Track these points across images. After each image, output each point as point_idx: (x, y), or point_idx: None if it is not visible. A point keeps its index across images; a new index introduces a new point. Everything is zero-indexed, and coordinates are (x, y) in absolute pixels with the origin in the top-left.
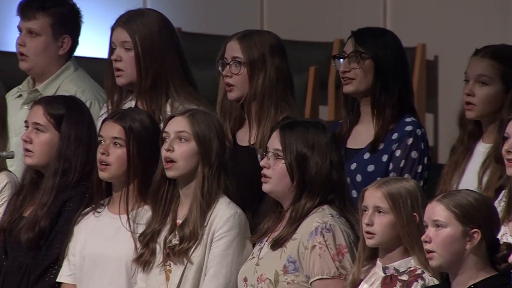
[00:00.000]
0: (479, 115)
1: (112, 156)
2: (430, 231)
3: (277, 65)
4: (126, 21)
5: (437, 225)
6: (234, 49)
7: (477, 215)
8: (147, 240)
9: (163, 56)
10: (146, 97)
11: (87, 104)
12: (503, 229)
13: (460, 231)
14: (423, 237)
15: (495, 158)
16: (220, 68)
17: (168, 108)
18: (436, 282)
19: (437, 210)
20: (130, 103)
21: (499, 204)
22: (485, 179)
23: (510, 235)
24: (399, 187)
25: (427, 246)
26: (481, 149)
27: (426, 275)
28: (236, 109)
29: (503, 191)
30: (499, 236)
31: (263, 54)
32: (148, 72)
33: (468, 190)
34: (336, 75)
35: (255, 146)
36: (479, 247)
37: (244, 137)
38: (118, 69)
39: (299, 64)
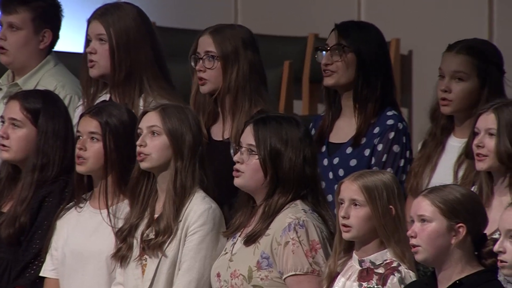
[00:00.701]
0: (455, 111)
1: (89, 151)
2: (416, 226)
3: (250, 58)
4: (102, 14)
5: (423, 220)
6: (206, 44)
7: (462, 210)
8: (124, 235)
9: (137, 50)
10: (119, 91)
11: (67, 99)
12: None
13: (445, 226)
14: (409, 232)
15: (465, 154)
16: (192, 63)
17: (141, 102)
18: (412, 274)
19: (422, 205)
20: (105, 96)
21: None
22: (460, 173)
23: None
24: (375, 180)
25: (412, 241)
26: (455, 144)
27: (403, 268)
28: (209, 104)
29: (474, 187)
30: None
31: (236, 47)
32: (122, 66)
33: (455, 185)
34: (311, 69)
35: (230, 140)
36: (465, 242)
37: (218, 132)
38: (92, 61)
39: (274, 59)
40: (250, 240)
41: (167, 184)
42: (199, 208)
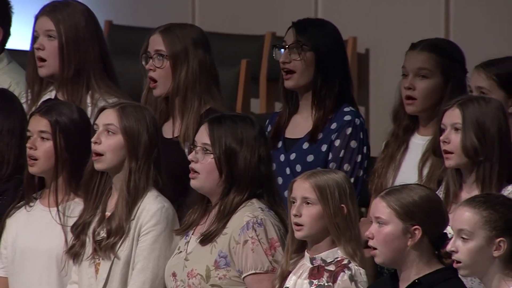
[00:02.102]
0: (420, 109)
1: (39, 150)
2: (373, 227)
3: (200, 57)
4: (51, 10)
5: (379, 222)
6: (156, 43)
7: (418, 212)
8: (78, 232)
9: (86, 47)
10: (67, 88)
11: (23, 96)
12: None
13: (400, 228)
14: (367, 233)
15: (432, 151)
16: (143, 62)
17: (89, 100)
18: (362, 271)
19: (379, 207)
20: (50, 94)
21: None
22: (425, 171)
23: (449, 226)
24: (327, 179)
25: (370, 243)
26: (418, 142)
27: (353, 265)
28: (160, 102)
29: (443, 183)
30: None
31: (185, 47)
32: (71, 63)
33: (415, 185)
34: (268, 68)
35: (179, 138)
36: (421, 243)
37: (168, 130)
38: (41, 59)
39: (231, 57)
40: (207, 239)
41: (120, 184)
42: (151, 208)
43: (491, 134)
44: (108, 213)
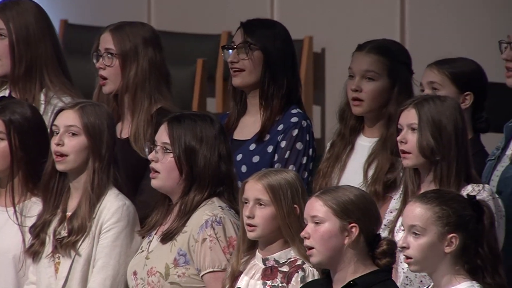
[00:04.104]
0: (367, 111)
1: None
2: (309, 227)
3: (150, 56)
4: (1, 9)
5: (316, 221)
6: (106, 41)
7: (355, 210)
8: (37, 231)
9: (37, 45)
10: (19, 86)
11: None
12: (401, 220)
13: (338, 226)
14: (302, 233)
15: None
16: (94, 60)
17: (42, 97)
18: (316, 273)
19: (315, 206)
20: (4, 92)
21: (400, 196)
22: (370, 172)
23: (402, 229)
24: (279, 179)
25: (306, 242)
26: (364, 143)
27: (307, 266)
28: (111, 101)
29: (401, 183)
30: (397, 227)
31: (135, 45)
32: (22, 60)
33: (348, 186)
34: (224, 67)
35: (129, 138)
36: (358, 242)
37: (119, 130)
38: None
39: (187, 56)
40: (167, 237)
41: (83, 184)
42: (113, 205)
43: (447, 133)
44: (69, 213)
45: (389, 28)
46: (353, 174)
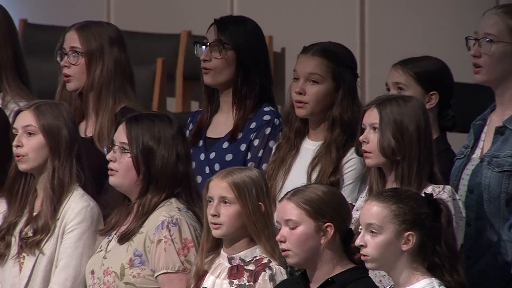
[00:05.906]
0: (310, 114)
1: None
2: (284, 230)
3: (115, 56)
4: None
5: (291, 225)
6: (72, 39)
7: (327, 209)
8: (3, 234)
9: None
10: None
11: None
12: None
13: (313, 227)
14: (278, 237)
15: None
16: (58, 59)
17: None
18: (283, 271)
19: (288, 209)
20: None
21: (366, 195)
22: (314, 175)
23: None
24: (244, 177)
25: (282, 246)
26: (309, 147)
27: (274, 264)
28: (75, 100)
29: (367, 182)
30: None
31: (101, 44)
32: None
33: (317, 184)
34: (184, 67)
35: (93, 137)
36: (334, 240)
37: (83, 129)
38: None
39: (147, 56)
40: (124, 238)
41: (44, 183)
42: (77, 206)
43: (409, 133)
44: (35, 213)
45: (349, 28)
46: (298, 177)
